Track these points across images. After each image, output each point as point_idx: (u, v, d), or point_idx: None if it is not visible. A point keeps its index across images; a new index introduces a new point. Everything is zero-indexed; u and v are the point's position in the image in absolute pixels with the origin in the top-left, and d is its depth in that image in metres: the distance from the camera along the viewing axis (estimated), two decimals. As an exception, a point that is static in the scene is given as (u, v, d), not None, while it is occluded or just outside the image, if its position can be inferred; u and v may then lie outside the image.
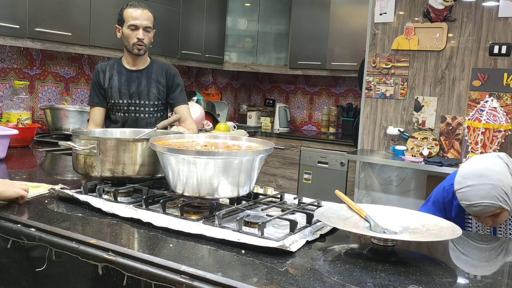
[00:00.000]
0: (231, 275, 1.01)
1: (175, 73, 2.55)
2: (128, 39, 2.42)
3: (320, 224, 1.36)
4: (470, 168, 1.65)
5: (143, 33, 2.41)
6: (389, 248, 1.25)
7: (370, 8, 3.53)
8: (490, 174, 1.59)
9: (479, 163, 1.64)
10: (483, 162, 1.64)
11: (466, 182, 1.63)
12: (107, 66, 2.52)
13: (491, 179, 1.58)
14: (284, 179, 4.41)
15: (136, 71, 2.50)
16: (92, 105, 2.54)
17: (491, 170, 1.60)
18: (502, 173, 1.59)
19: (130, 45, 2.43)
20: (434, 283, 1.04)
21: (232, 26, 4.67)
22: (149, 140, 1.54)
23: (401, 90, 3.44)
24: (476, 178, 1.61)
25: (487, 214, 1.62)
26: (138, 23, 2.40)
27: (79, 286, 1.21)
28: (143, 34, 2.41)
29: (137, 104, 2.48)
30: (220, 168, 1.36)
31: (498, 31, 3.08)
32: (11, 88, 3.05)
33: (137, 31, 2.40)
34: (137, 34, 2.40)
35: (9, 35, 2.66)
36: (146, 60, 2.54)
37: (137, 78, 2.49)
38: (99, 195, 1.52)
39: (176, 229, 1.25)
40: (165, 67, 2.54)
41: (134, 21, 2.39)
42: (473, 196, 1.60)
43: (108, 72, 2.50)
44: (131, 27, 2.40)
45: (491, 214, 1.61)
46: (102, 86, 2.50)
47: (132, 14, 2.40)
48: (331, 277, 1.04)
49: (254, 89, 5.53)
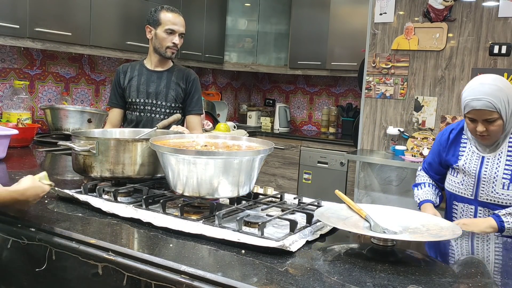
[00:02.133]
0: (231, 275, 1.01)
1: (196, 79, 2.58)
2: (162, 41, 2.46)
3: (320, 224, 1.36)
4: (485, 75, 1.80)
5: (179, 39, 2.48)
6: (389, 248, 1.25)
7: (370, 8, 3.53)
8: (501, 81, 1.74)
9: (492, 75, 1.79)
10: (496, 75, 1.79)
11: (477, 81, 1.76)
12: (129, 67, 2.56)
13: (500, 83, 1.72)
14: (284, 179, 4.41)
15: (157, 72, 2.53)
16: (111, 106, 2.60)
17: (502, 80, 1.75)
18: (510, 87, 1.74)
19: (163, 48, 2.47)
20: (433, 283, 1.04)
21: (232, 26, 4.67)
22: (149, 140, 1.54)
23: (401, 90, 3.44)
24: (488, 79, 1.74)
25: (484, 117, 1.71)
26: (176, 28, 2.46)
27: (79, 286, 1.21)
28: (179, 40, 2.48)
29: (153, 104, 2.50)
30: (220, 168, 1.36)
31: (498, 31, 3.08)
32: (11, 88, 3.05)
33: (173, 36, 2.46)
34: (172, 38, 2.46)
35: (9, 35, 2.66)
36: (169, 63, 2.57)
37: (157, 79, 2.52)
38: (99, 195, 1.52)
39: (176, 229, 1.25)
40: (186, 72, 2.58)
41: (173, 26, 2.45)
42: (479, 91, 1.71)
43: (129, 72, 2.55)
44: (168, 31, 2.45)
45: (487, 117, 1.71)
46: (121, 86, 2.54)
47: (171, 19, 2.46)
48: (331, 277, 1.04)
49: (254, 89, 5.53)
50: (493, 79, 1.74)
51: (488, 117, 1.72)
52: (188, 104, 2.55)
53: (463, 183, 1.85)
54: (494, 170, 1.78)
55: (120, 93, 2.54)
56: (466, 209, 1.85)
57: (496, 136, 1.77)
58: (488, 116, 1.71)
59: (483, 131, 1.74)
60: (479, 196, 1.80)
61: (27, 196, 1.28)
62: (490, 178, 1.78)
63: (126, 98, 2.53)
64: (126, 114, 2.58)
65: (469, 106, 1.74)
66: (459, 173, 1.88)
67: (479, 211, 1.81)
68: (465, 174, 1.85)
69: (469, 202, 1.84)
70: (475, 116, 1.74)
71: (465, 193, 1.84)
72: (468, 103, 1.74)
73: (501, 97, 1.70)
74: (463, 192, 1.85)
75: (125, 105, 2.56)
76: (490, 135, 1.76)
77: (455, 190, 1.88)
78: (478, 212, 1.81)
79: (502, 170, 1.77)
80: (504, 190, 1.75)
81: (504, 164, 1.77)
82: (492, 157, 1.81)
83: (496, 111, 1.70)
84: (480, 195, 1.80)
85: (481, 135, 1.77)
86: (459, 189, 1.87)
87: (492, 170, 1.79)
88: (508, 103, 1.71)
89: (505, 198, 1.75)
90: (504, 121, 1.73)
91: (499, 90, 1.70)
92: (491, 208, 1.78)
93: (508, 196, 1.74)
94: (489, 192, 1.78)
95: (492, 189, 1.77)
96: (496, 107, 1.70)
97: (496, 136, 1.77)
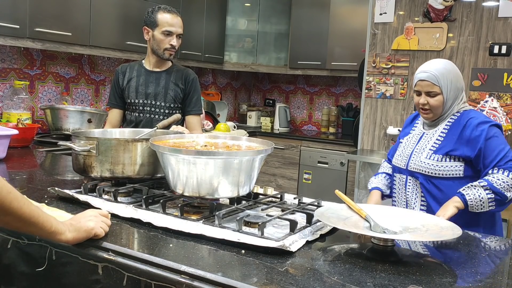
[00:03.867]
0: (231, 275, 1.01)
1: (195, 79, 2.56)
2: (160, 43, 2.44)
3: (320, 224, 1.36)
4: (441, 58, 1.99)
5: (176, 40, 2.45)
6: (389, 248, 1.25)
7: (370, 8, 3.53)
8: (451, 65, 1.89)
9: (447, 60, 1.95)
10: (450, 61, 1.94)
11: (432, 60, 1.93)
12: (128, 68, 2.55)
13: (450, 66, 1.88)
14: (284, 179, 4.41)
15: (155, 72, 2.52)
16: (110, 106, 2.59)
17: (454, 65, 1.91)
18: (458, 73, 1.89)
19: (160, 50, 2.45)
20: (434, 283, 1.04)
21: (232, 26, 4.67)
22: (149, 140, 1.54)
23: (401, 90, 3.44)
24: (442, 61, 1.91)
25: (427, 89, 1.85)
26: (174, 30, 2.43)
27: (79, 286, 1.21)
28: (177, 41, 2.45)
29: (152, 105, 2.49)
30: (220, 168, 1.36)
31: (498, 31, 3.08)
32: (11, 88, 3.05)
33: (171, 37, 2.43)
34: (170, 40, 2.43)
35: (9, 35, 2.66)
36: (168, 63, 2.56)
37: (156, 79, 2.50)
38: (99, 195, 1.52)
39: (176, 229, 1.25)
40: (185, 72, 2.56)
41: (170, 28, 2.42)
42: (429, 66, 1.88)
43: (128, 73, 2.53)
44: (165, 33, 2.42)
45: (429, 90, 1.85)
46: (120, 86, 2.53)
47: (167, 20, 2.42)
48: (331, 277, 1.04)
49: (254, 89, 5.53)
50: (446, 61, 1.91)
51: (430, 90, 1.85)
52: (187, 104, 2.54)
53: (401, 154, 1.99)
54: (426, 142, 1.92)
55: (119, 94, 2.54)
56: (400, 179, 1.98)
57: (437, 111, 1.88)
58: (430, 89, 1.85)
59: (425, 104, 1.87)
60: (409, 166, 1.93)
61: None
62: (421, 149, 1.91)
63: (125, 99, 2.53)
64: (125, 115, 2.58)
65: (416, 78, 1.90)
66: (401, 146, 2.02)
67: (409, 180, 1.94)
68: (405, 147, 1.99)
69: (402, 172, 1.97)
70: (420, 87, 1.88)
71: (400, 163, 1.97)
72: (416, 75, 1.90)
73: (446, 75, 1.85)
74: (399, 163, 1.98)
75: (125, 105, 2.56)
76: (431, 109, 1.88)
77: (396, 162, 2.01)
78: (408, 181, 1.94)
79: (432, 143, 1.90)
80: (426, 159, 1.86)
81: (435, 138, 1.90)
82: (430, 133, 1.94)
83: (438, 85, 1.84)
84: (410, 164, 1.92)
85: (423, 109, 1.89)
86: (398, 160, 1.99)
87: (424, 143, 1.92)
88: (451, 83, 1.85)
89: (426, 167, 1.85)
90: (444, 99, 1.85)
91: (446, 70, 1.86)
92: (416, 177, 1.90)
93: (428, 165, 1.85)
94: (416, 161, 1.90)
95: (419, 159, 1.89)
96: (439, 82, 1.84)
97: (436, 111, 1.88)
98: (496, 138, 1.81)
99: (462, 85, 1.90)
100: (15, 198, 0.98)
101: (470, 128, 1.82)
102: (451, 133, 1.86)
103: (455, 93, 1.87)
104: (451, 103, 1.88)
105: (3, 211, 0.96)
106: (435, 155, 1.85)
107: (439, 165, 1.83)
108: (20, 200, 0.99)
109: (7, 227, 1.15)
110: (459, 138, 1.83)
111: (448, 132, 1.87)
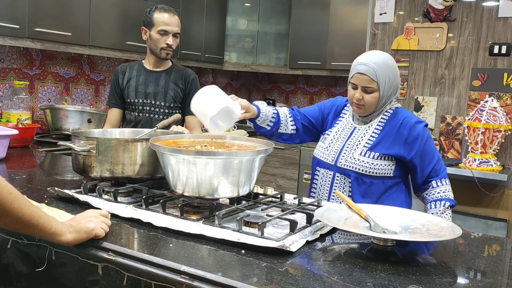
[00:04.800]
0: (231, 275, 1.01)
1: (195, 79, 2.56)
2: (156, 43, 2.44)
3: (320, 224, 1.36)
4: (381, 51, 1.91)
5: (173, 39, 2.43)
6: (389, 248, 1.25)
7: (370, 8, 3.53)
8: (391, 60, 1.82)
9: (387, 53, 1.87)
10: (389, 55, 1.87)
11: (372, 51, 1.87)
12: (128, 67, 2.55)
13: (390, 61, 1.81)
14: (284, 179, 4.41)
15: (155, 72, 2.52)
16: (110, 106, 2.59)
17: (393, 60, 1.83)
18: (396, 69, 1.82)
19: (157, 49, 2.45)
20: (434, 283, 1.04)
21: (232, 26, 4.67)
22: (149, 140, 1.54)
23: (401, 90, 3.44)
24: (382, 53, 1.84)
25: (364, 84, 1.77)
26: (169, 29, 2.42)
27: (79, 286, 1.21)
28: (173, 40, 2.43)
29: (152, 105, 2.49)
30: (220, 168, 1.36)
31: (498, 31, 3.08)
32: (11, 88, 3.05)
33: (167, 37, 2.42)
34: (166, 39, 2.42)
35: (9, 35, 2.66)
36: (168, 63, 2.56)
37: (155, 79, 2.50)
38: (99, 195, 1.52)
39: (176, 229, 1.25)
40: (185, 72, 2.56)
41: (165, 27, 2.41)
42: (368, 59, 1.79)
43: (127, 72, 2.53)
44: (161, 32, 2.41)
45: (366, 85, 1.77)
46: (120, 86, 2.53)
47: (163, 19, 2.41)
48: (331, 277, 1.04)
49: (254, 89, 5.53)
50: (386, 55, 1.83)
51: (367, 85, 1.77)
52: (187, 104, 2.53)
53: (328, 149, 1.90)
54: (359, 139, 1.85)
55: (119, 93, 2.54)
56: (325, 175, 1.90)
57: (370, 108, 1.82)
58: (367, 84, 1.77)
59: (360, 99, 1.79)
60: (339, 162, 1.85)
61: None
62: (354, 145, 1.84)
63: (125, 98, 2.53)
64: (125, 114, 2.58)
65: (354, 70, 1.81)
66: (327, 139, 1.93)
67: (336, 177, 1.86)
68: (333, 141, 1.91)
69: (329, 168, 1.88)
70: (357, 81, 1.79)
71: (328, 158, 1.89)
72: (355, 67, 1.81)
73: (386, 71, 1.77)
74: (326, 158, 1.90)
75: (124, 105, 2.55)
76: (365, 105, 1.80)
77: (320, 155, 1.93)
78: (336, 178, 1.86)
79: (366, 140, 1.83)
80: (361, 156, 1.80)
81: (369, 135, 1.84)
82: (362, 128, 1.87)
83: (376, 81, 1.76)
84: (340, 161, 1.85)
85: (357, 104, 1.81)
86: (324, 154, 1.91)
87: (357, 139, 1.85)
88: (389, 80, 1.78)
89: (360, 164, 1.79)
90: (380, 95, 1.78)
91: (386, 65, 1.78)
92: (346, 174, 1.83)
93: (363, 163, 1.79)
94: (348, 158, 1.83)
95: (351, 155, 1.83)
96: (377, 77, 1.76)
97: (370, 108, 1.81)
98: (431, 140, 1.83)
99: (398, 82, 1.85)
100: (15, 199, 0.97)
101: (407, 127, 1.79)
102: (386, 130, 1.82)
103: (391, 90, 1.81)
104: (385, 101, 1.82)
105: (4, 212, 0.96)
106: (370, 152, 1.80)
107: (374, 163, 1.79)
108: (20, 201, 0.99)
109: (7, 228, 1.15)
110: (397, 137, 1.80)
111: (383, 129, 1.83)
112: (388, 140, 1.80)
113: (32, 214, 1.01)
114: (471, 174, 2.88)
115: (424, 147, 1.79)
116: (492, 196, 3.03)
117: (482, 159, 2.94)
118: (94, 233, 1.17)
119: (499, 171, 2.92)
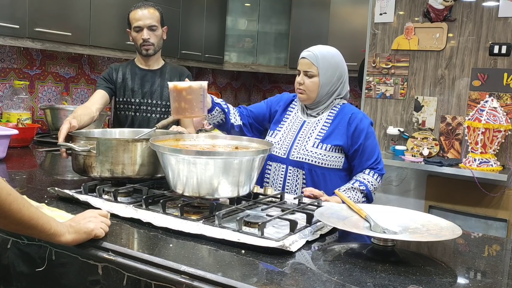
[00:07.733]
0: (231, 275, 1.01)
1: (189, 76, 2.56)
2: (135, 41, 2.44)
3: (320, 224, 1.36)
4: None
5: (147, 33, 2.40)
6: (389, 248, 1.25)
7: (370, 8, 3.53)
8: (339, 55, 1.89)
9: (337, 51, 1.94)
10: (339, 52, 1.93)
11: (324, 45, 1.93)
12: (121, 66, 2.54)
13: (338, 55, 1.89)
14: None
15: (150, 71, 2.51)
16: (98, 88, 2.47)
17: (341, 56, 1.90)
18: (342, 63, 1.89)
19: (139, 48, 2.44)
20: (434, 283, 1.04)
21: (232, 26, 4.67)
22: (148, 140, 1.54)
23: (401, 90, 3.44)
24: (333, 48, 1.91)
25: (305, 68, 1.85)
26: (141, 23, 2.40)
27: (79, 286, 1.21)
28: (147, 34, 2.40)
29: (148, 104, 2.49)
30: (220, 168, 1.36)
31: (498, 31, 3.08)
32: (11, 88, 3.05)
33: (141, 33, 2.40)
34: (142, 35, 2.40)
35: (9, 35, 2.66)
36: (160, 61, 2.55)
37: (151, 78, 2.50)
38: (99, 195, 1.52)
39: (176, 229, 1.25)
40: (180, 69, 2.56)
41: (137, 23, 2.40)
42: (315, 47, 1.86)
43: (121, 71, 2.52)
44: (135, 29, 2.41)
45: (307, 69, 1.84)
46: (112, 80, 2.49)
47: (135, 16, 2.40)
48: (331, 277, 1.04)
49: (254, 89, 5.53)
50: (334, 49, 1.90)
51: (308, 69, 1.85)
52: None
53: (280, 143, 1.93)
54: (310, 131, 1.90)
55: (109, 81, 2.47)
56: (278, 168, 1.92)
57: (311, 94, 1.87)
58: (308, 68, 1.85)
59: (301, 83, 1.86)
60: (291, 155, 1.88)
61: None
62: (305, 138, 1.89)
63: (121, 98, 2.50)
64: (120, 114, 2.55)
65: (300, 56, 1.89)
66: (278, 134, 1.97)
67: (289, 170, 1.89)
68: (283, 135, 1.94)
69: (281, 162, 1.91)
70: (300, 66, 1.88)
71: (279, 152, 1.91)
72: (301, 54, 1.89)
73: (328, 59, 1.84)
74: (278, 152, 1.92)
75: (112, 92, 2.49)
76: (306, 90, 1.87)
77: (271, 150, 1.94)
78: (288, 171, 1.89)
79: (317, 132, 1.88)
80: (313, 148, 1.85)
81: (320, 127, 1.89)
82: (312, 122, 1.92)
83: (316, 66, 1.83)
84: (292, 153, 1.88)
85: (299, 89, 1.88)
86: (275, 148, 1.93)
87: (308, 132, 1.90)
88: (331, 68, 1.84)
89: (312, 156, 1.84)
90: (320, 82, 1.84)
91: (330, 54, 1.86)
92: (299, 166, 1.86)
93: (315, 154, 1.84)
94: (300, 150, 1.87)
95: (304, 147, 1.87)
96: (317, 62, 1.83)
97: (311, 94, 1.87)
98: (373, 137, 1.88)
99: (343, 77, 1.89)
100: (15, 200, 0.97)
101: (355, 121, 1.85)
102: (336, 122, 1.87)
103: (334, 81, 1.86)
104: (327, 90, 1.87)
105: (2, 213, 0.95)
106: (322, 144, 1.84)
107: (326, 155, 1.83)
108: (19, 202, 0.98)
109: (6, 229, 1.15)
110: (346, 130, 1.85)
111: (333, 121, 1.88)
112: (338, 132, 1.86)
113: (31, 215, 1.01)
114: (471, 174, 2.88)
115: (366, 142, 1.84)
116: (492, 196, 3.03)
117: (482, 159, 2.94)
118: (93, 233, 1.17)
119: (499, 171, 2.92)
